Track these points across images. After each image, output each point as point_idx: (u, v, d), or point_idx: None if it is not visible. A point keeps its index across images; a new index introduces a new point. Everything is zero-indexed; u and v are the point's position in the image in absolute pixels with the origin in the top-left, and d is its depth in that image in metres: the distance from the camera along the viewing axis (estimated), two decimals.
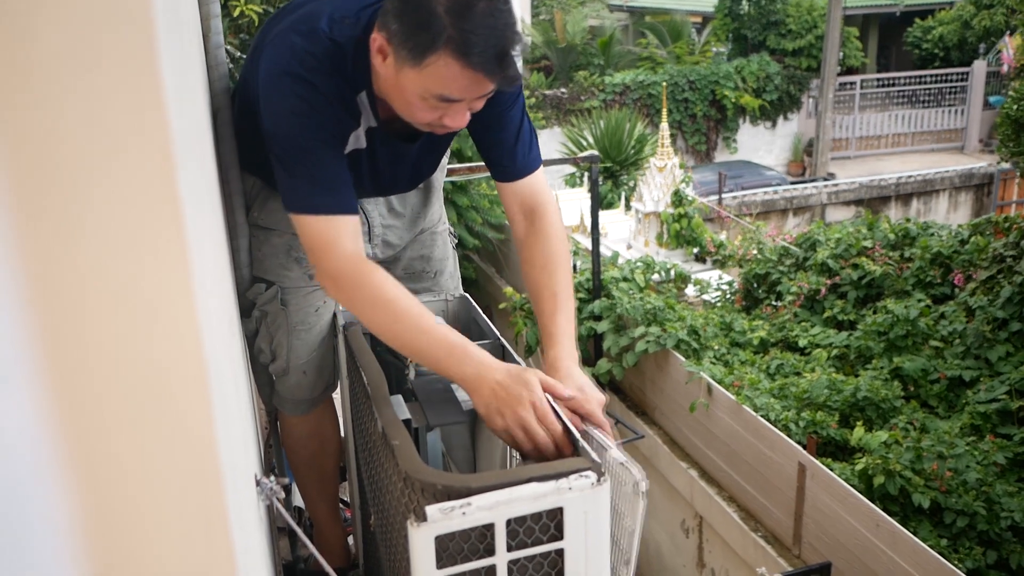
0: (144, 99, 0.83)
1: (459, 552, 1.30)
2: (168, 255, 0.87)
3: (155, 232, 0.86)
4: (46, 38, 0.76)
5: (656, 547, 6.82)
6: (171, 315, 0.89)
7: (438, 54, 1.58)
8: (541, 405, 1.50)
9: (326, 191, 1.74)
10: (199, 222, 1.06)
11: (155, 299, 0.87)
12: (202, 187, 1.30)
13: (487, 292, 9.81)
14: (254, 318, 2.19)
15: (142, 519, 0.89)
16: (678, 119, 18.25)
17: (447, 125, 1.75)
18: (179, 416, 0.91)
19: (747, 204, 14.36)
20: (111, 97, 0.81)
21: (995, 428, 5.44)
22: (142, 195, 0.84)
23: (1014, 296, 5.99)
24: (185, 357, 0.91)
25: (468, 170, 6.95)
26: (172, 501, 0.91)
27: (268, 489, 1.49)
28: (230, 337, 1.49)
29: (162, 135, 0.84)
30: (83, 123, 0.79)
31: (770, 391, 5.90)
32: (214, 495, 0.96)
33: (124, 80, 0.81)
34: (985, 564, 4.68)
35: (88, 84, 0.79)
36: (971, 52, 20.26)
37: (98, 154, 0.81)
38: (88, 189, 0.81)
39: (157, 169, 0.85)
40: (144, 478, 0.88)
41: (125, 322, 0.85)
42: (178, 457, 0.91)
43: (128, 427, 0.86)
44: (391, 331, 1.70)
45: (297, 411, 2.32)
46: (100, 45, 0.79)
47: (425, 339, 1.65)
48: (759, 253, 8.13)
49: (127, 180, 0.83)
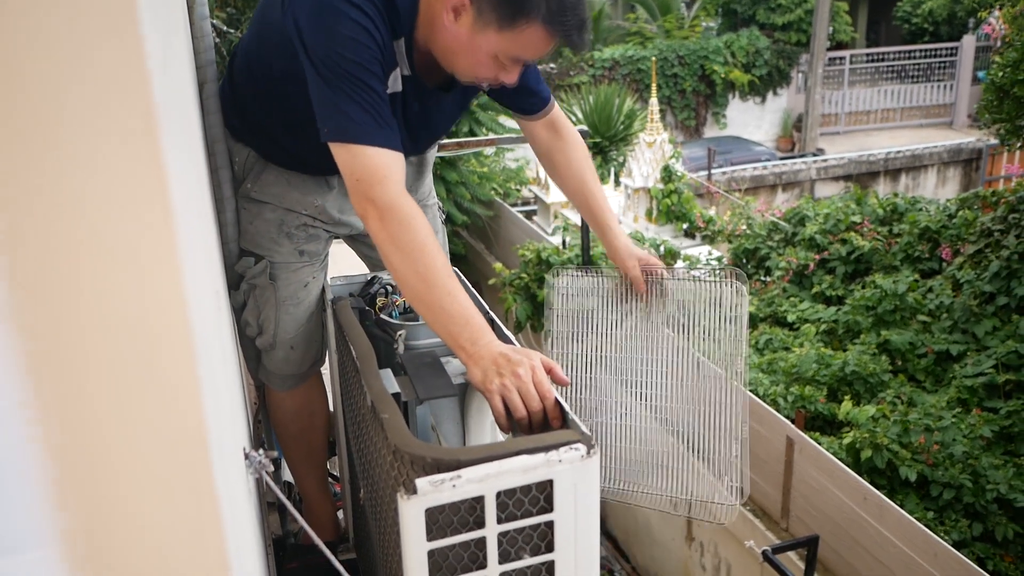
0: (127, 67, 0.81)
1: (449, 524, 1.30)
2: (154, 226, 0.86)
3: (141, 203, 0.85)
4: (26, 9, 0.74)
5: (645, 522, 6.87)
6: (158, 288, 0.88)
7: (530, 21, 1.67)
8: (539, 373, 1.54)
9: (381, 123, 1.72)
10: (185, 193, 1.05)
11: (141, 271, 0.86)
12: (188, 159, 1.28)
13: (476, 268, 9.81)
14: (242, 291, 2.17)
15: (130, 493, 0.89)
16: (667, 94, 18.19)
17: (503, 81, 1.83)
18: (166, 389, 0.90)
19: (736, 180, 14.34)
20: (93, 67, 0.79)
21: (982, 402, 5.48)
22: (127, 166, 0.83)
23: (1001, 270, 6.01)
24: (172, 330, 0.90)
25: (457, 145, 6.91)
26: (160, 475, 0.91)
27: (257, 463, 1.49)
28: (218, 311, 1.48)
29: (145, 105, 0.83)
30: (65, 94, 0.78)
31: (759, 366, 5.93)
32: (202, 469, 0.96)
33: (106, 49, 0.80)
34: (971, 536, 4.73)
35: (69, 54, 0.77)
36: (960, 27, 20.22)
37: (80, 125, 0.79)
38: (72, 161, 0.80)
39: (142, 140, 0.84)
40: (131, 452, 0.88)
41: (111, 295, 0.84)
42: (166, 431, 0.91)
43: (115, 400, 0.86)
44: (418, 279, 1.66)
45: (284, 386, 2.32)
46: (82, 15, 0.78)
47: (450, 301, 1.63)
48: (748, 228, 8.15)
49: (111, 152, 0.82)
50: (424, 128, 2.06)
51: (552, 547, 1.37)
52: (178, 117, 1.17)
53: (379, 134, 1.71)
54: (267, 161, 2.10)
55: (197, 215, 1.30)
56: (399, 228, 1.67)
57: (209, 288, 1.34)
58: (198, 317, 0.98)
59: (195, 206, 1.28)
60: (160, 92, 0.87)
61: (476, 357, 1.59)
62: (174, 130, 1.02)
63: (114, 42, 0.80)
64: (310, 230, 2.16)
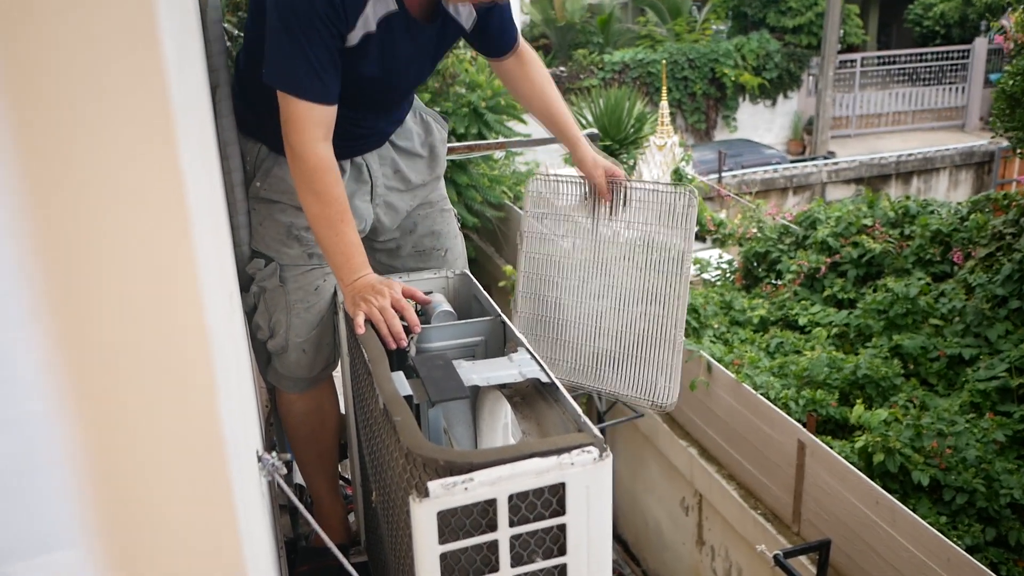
0: (145, 72, 0.82)
1: (461, 527, 1.30)
2: (171, 231, 0.87)
3: (158, 207, 0.85)
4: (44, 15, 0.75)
5: (656, 525, 6.85)
6: (174, 292, 0.88)
7: None
8: (397, 294, 1.88)
9: (316, 76, 1.86)
10: (200, 196, 1.05)
11: (158, 275, 0.86)
12: (203, 162, 1.29)
13: (487, 271, 9.80)
14: (253, 293, 2.17)
15: (149, 496, 0.89)
16: (677, 97, 18.16)
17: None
18: (183, 393, 0.91)
19: (747, 182, 14.30)
20: (111, 73, 0.80)
21: (995, 406, 5.45)
22: (145, 170, 0.84)
23: (1013, 274, 5.98)
24: (188, 333, 0.90)
25: (467, 149, 6.92)
26: (177, 478, 0.91)
27: (270, 465, 1.49)
28: (231, 313, 1.49)
29: (162, 109, 0.84)
30: (84, 100, 0.78)
31: (770, 369, 5.91)
32: (218, 471, 0.96)
33: (124, 54, 0.80)
34: (984, 541, 4.70)
35: (88, 60, 0.78)
36: (972, 29, 20.14)
37: (99, 131, 0.80)
38: (91, 166, 0.80)
39: (159, 145, 0.84)
40: (150, 455, 0.88)
41: (130, 300, 0.84)
42: (183, 434, 0.91)
43: (133, 405, 0.86)
44: (314, 218, 1.93)
45: (296, 389, 2.32)
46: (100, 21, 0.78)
47: (336, 239, 1.92)
48: (759, 232, 8.12)
49: (129, 156, 0.83)
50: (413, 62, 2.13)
51: (564, 550, 1.37)
52: (193, 121, 1.18)
53: (312, 88, 1.87)
54: (277, 155, 2.10)
55: (212, 218, 1.31)
56: (312, 173, 1.90)
57: (223, 291, 1.34)
58: (213, 320, 0.98)
59: (210, 209, 1.29)
60: (176, 96, 0.87)
61: (350, 288, 1.91)
62: (190, 134, 1.03)
63: (132, 47, 0.80)
64: None
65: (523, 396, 1.77)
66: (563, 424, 1.57)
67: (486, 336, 2.00)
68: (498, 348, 1.98)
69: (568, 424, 1.54)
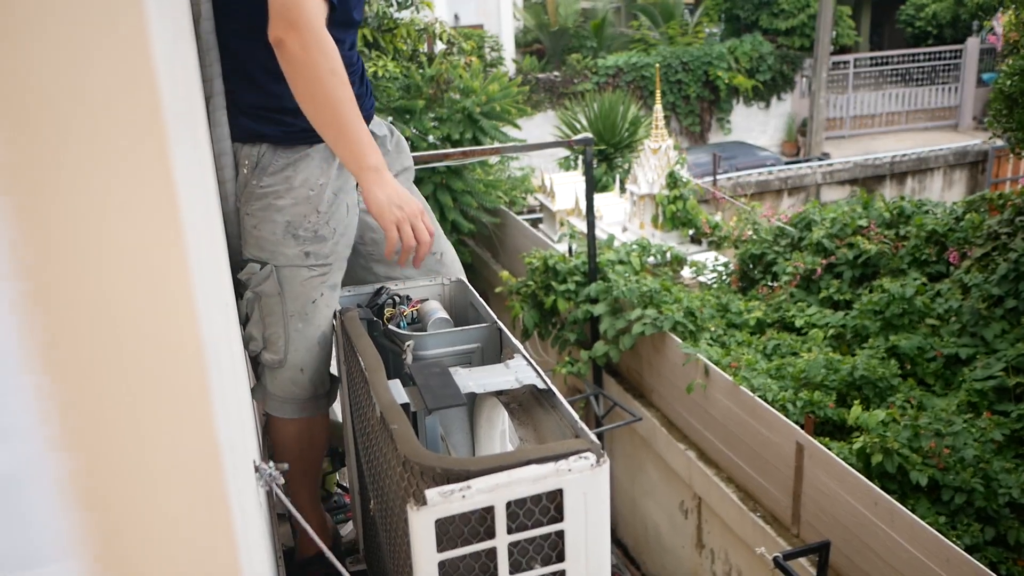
0: (138, 80, 0.82)
1: (459, 535, 1.30)
2: (165, 240, 0.86)
3: (152, 216, 0.85)
4: (35, 21, 0.75)
5: (655, 528, 6.85)
6: (168, 300, 0.88)
7: None
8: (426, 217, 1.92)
9: None
10: (194, 205, 1.05)
11: (153, 284, 0.86)
12: (196, 171, 1.28)
13: (483, 277, 9.81)
14: (246, 301, 2.10)
15: (146, 506, 0.89)
16: (672, 101, 18.20)
17: None
18: (179, 403, 0.90)
19: (742, 185, 14.32)
20: (103, 79, 0.80)
21: (992, 405, 5.45)
22: (137, 180, 0.83)
23: (1009, 273, 5.99)
24: (183, 343, 0.90)
25: (462, 155, 6.94)
26: (173, 487, 0.91)
27: (267, 475, 1.49)
28: (227, 322, 1.49)
29: (155, 118, 0.83)
30: (76, 106, 0.78)
31: (767, 371, 5.91)
32: (214, 481, 0.96)
33: (117, 63, 0.80)
34: (983, 540, 4.70)
35: (79, 67, 0.78)
36: (964, 29, 20.18)
37: (91, 138, 0.80)
38: (84, 173, 0.80)
39: (152, 153, 0.84)
40: (147, 466, 0.88)
41: (125, 309, 0.84)
42: (179, 445, 0.91)
43: (129, 415, 0.86)
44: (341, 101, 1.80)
45: (283, 412, 2.21)
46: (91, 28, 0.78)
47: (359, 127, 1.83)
48: (754, 234, 8.13)
49: (122, 164, 0.82)
50: None
51: (563, 556, 1.37)
52: (187, 130, 1.17)
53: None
54: (282, 149, 2.05)
55: (206, 228, 1.30)
56: (322, 51, 1.77)
57: (219, 300, 1.34)
58: (208, 330, 0.98)
59: (204, 219, 1.29)
60: (169, 105, 0.87)
61: (382, 183, 1.85)
62: (183, 143, 1.03)
63: (124, 57, 0.80)
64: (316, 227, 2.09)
65: (520, 403, 1.77)
66: (560, 430, 1.57)
67: (483, 343, 1.99)
68: (495, 355, 1.98)
69: (565, 430, 1.54)
